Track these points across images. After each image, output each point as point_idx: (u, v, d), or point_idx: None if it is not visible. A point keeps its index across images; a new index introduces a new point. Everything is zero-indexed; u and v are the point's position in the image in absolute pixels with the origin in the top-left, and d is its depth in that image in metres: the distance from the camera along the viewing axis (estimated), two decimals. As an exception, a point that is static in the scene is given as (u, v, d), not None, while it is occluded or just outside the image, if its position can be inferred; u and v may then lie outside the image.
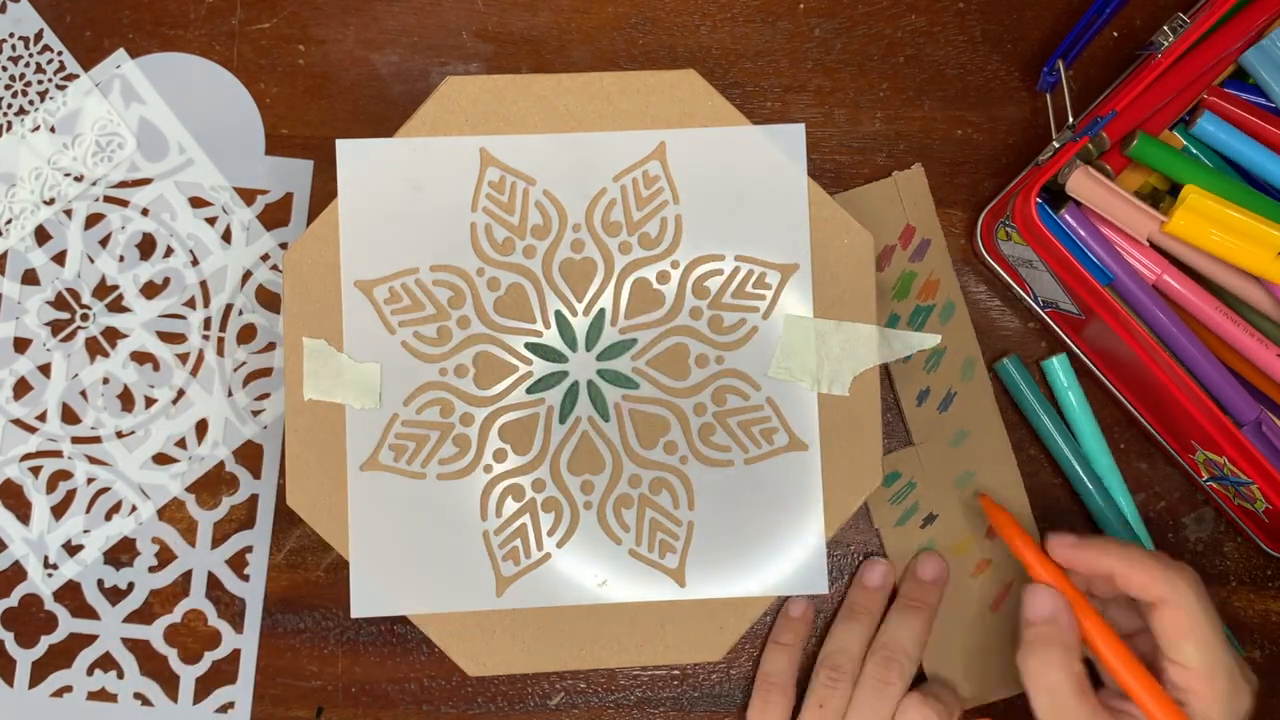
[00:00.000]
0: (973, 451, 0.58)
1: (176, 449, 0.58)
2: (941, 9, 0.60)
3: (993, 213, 0.57)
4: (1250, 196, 0.53)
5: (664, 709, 0.58)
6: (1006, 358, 0.58)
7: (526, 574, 0.52)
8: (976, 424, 0.58)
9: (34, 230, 0.58)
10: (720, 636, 0.53)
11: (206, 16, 0.59)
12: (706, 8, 0.59)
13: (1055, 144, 0.53)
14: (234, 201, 0.58)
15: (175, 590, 0.58)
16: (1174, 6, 0.58)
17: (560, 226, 0.53)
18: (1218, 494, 0.57)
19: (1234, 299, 0.54)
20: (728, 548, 0.53)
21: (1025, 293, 0.58)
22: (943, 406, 0.58)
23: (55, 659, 0.57)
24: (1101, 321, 0.52)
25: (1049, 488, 0.59)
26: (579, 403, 0.53)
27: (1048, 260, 0.52)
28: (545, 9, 0.59)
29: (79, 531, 0.57)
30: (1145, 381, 0.54)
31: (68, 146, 0.58)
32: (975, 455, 0.58)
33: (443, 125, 0.53)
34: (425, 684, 0.58)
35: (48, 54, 0.58)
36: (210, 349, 0.58)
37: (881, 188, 0.59)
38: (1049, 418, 0.58)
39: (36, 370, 0.57)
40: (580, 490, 0.53)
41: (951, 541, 0.58)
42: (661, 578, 0.53)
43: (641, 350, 0.53)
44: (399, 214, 0.53)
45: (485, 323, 0.53)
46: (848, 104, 0.59)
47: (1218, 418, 0.52)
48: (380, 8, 0.59)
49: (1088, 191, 0.53)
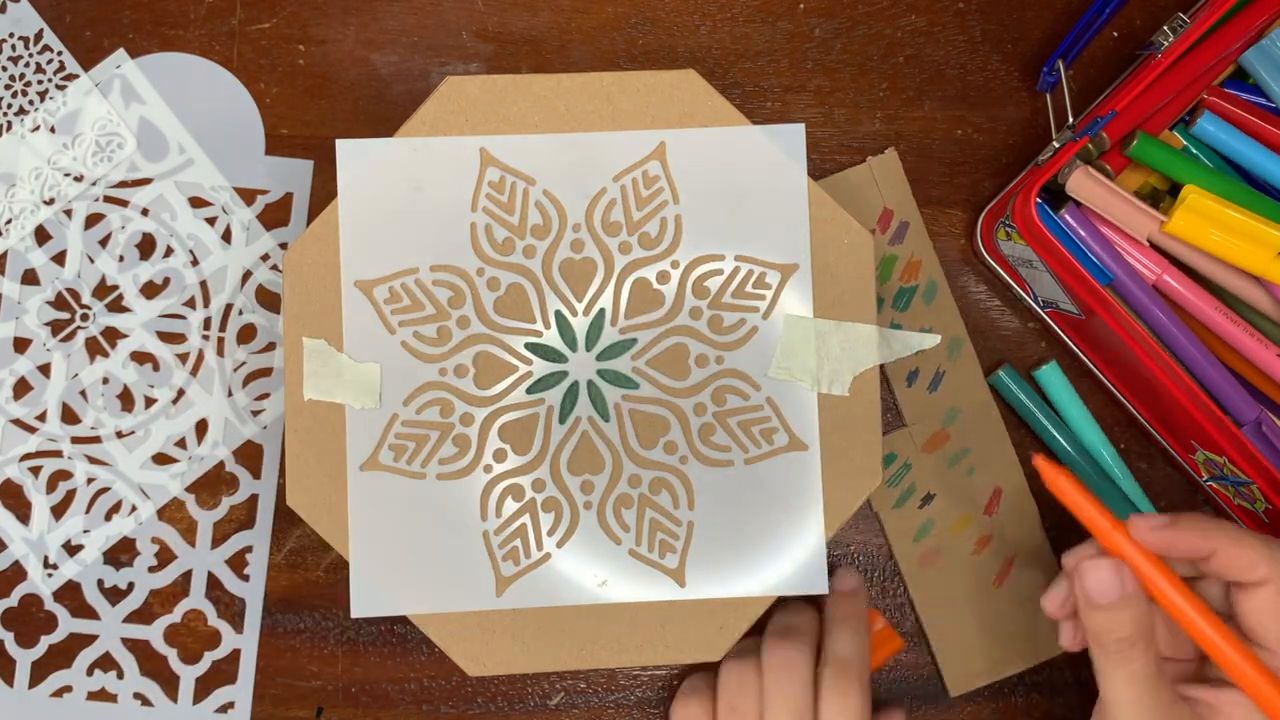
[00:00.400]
0: (965, 429, 0.59)
1: (176, 449, 0.58)
2: (941, 9, 0.60)
3: (993, 213, 0.57)
4: (1250, 196, 0.53)
5: (664, 709, 0.58)
6: (1001, 369, 0.58)
7: (526, 574, 0.52)
8: (967, 402, 0.59)
9: (34, 230, 0.58)
10: (720, 636, 0.53)
11: (206, 16, 0.59)
12: (706, 8, 0.59)
13: (1055, 144, 0.53)
14: (234, 201, 0.58)
15: (175, 590, 0.58)
16: (1174, 6, 0.58)
17: (560, 226, 0.53)
18: (1218, 494, 0.57)
19: (1234, 299, 0.54)
20: (728, 548, 0.53)
21: (1025, 293, 0.58)
22: (932, 386, 0.59)
23: (55, 659, 0.57)
24: (1101, 321, 0.52)
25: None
26: (579, 403, 0.53)
27: (1048, 260, 0.52)
28: (545, 9, 0.59)
29: (79, 531, 0.57)
30: (1145, 381, 0.54)
31: (68, 146, 0.58)
32: (968, 433, 0.59)
33: (442, 125, 0.53)
34: (425, 684, 0.58)
35: (48, 54, 0.58)
36: (210, 349, 0.58)
37: (857, 173, 0.59)
38: (1050, 423, 0.58)
39: (36, 370, 0.57)
40: (580, 490, 0.53)
41: (951, 519, 0.58)
42: (661, 578, 0.53)
43: (641, 350, 0.53)
44: (399, 214, 0.53)
45: (485, 323, 0.53)
46: (848, 104, 0.59)
47: (1218, 417, 0.52)
48: (380, 8, 0.59)
49: (1087, 191, 0.53)
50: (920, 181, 0.59)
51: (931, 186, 0.59)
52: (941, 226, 0.59)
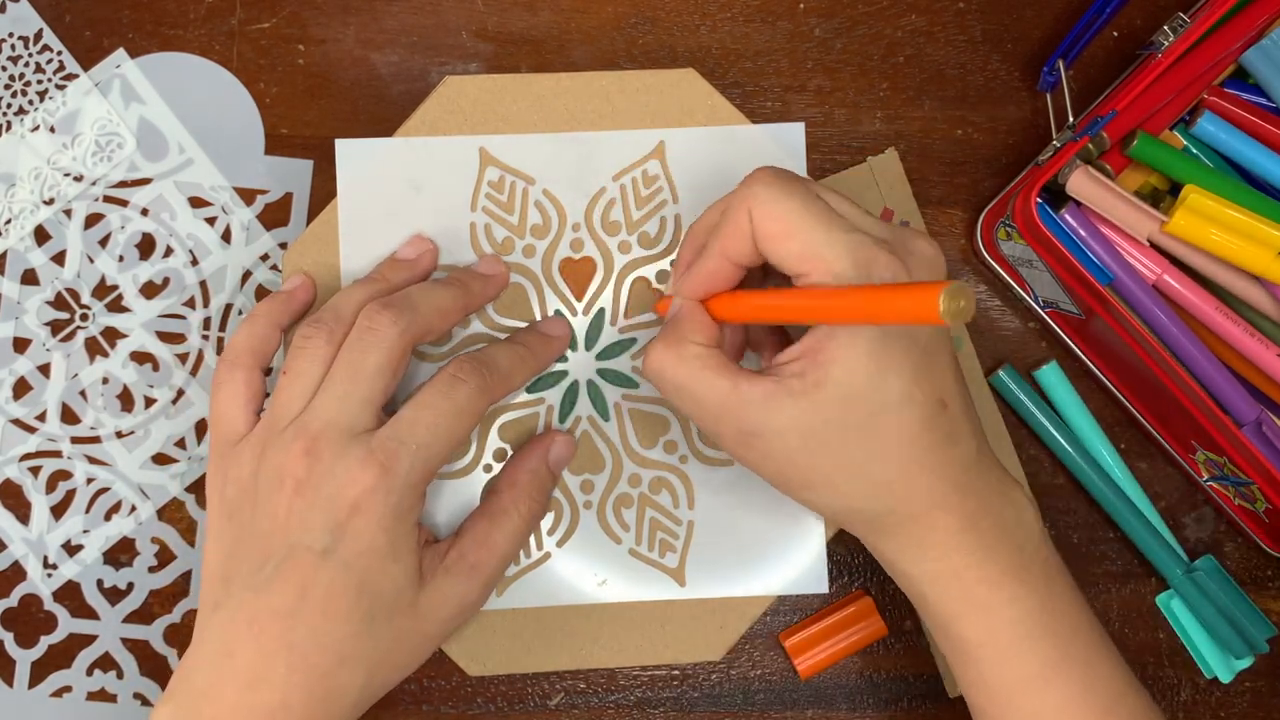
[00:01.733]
0: None
1: (176, 449, 0.58)
2: (941, 9, 0.60)
3: (993, 213, 0.57)
4: (1250, 196, 0.53)
5: (664, 709, 0.58)
6: (1001, 369, 0.58)
7: (526, 574, 0.52)
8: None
9: (33, 230, 0.58)
10: (720, 636, 0.53)
11: (206, 16, 0.59)
12: (706, 8, 0.59)
13: (1056, 144, 0.53)
14: (233, 201, 0.58)
15: (175, 590, 0.58)
16: (1174, 6, 0.58)
17: (560, 226, 0.53)
18: (1218, 494, 0.57)
19: (1234, 299, 0.54)
20: (728, 547, 0.53)
21: (1025, 293, 0.57)
22: None
23: (55, 659, 0.57)
24: (1102, 321, 0.52)
25: (1050, 488, 0.59)
26: (579, 402, 0.53)
27: (1048, 260, 0.52)
28: (545, 9, 0.59)
29: (78, 531, 0.57)
30: (1145, 381, 0.54)
31: (67, 146, 0.58)
32: None
33: (442, 125, 0.53)
34: (425, 684, 0.58)
35: (47, 54, 0.58)
36: (210, 349, 0.58)
37: (857, 173, 0.59)
38: (1050, 423, 0.58)
39: (36, 370, 0.57)
40: (580, 490, 0.53)
41: None
42: (661, 577, 0.53)
43: (641, 349, 0.53)
44: (399, 214, 0.53)
45: (485, 322, 0.53)
46: (848, 104, 0.59)
47: (1218, 417, 0.52)
48: (380, 7, 0.59)
49: (1088, 191, 0.53)
50: (920, 181, 0.59)
51: (931, 186, 0.59)
52: (941, 226, 0.59)
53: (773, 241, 0.43)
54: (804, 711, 0.58)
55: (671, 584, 0.53)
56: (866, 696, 0.58)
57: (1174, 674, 0.59)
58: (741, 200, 0.43)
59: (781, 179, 0.43)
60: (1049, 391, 0.58)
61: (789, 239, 0.42)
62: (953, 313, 0.35)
